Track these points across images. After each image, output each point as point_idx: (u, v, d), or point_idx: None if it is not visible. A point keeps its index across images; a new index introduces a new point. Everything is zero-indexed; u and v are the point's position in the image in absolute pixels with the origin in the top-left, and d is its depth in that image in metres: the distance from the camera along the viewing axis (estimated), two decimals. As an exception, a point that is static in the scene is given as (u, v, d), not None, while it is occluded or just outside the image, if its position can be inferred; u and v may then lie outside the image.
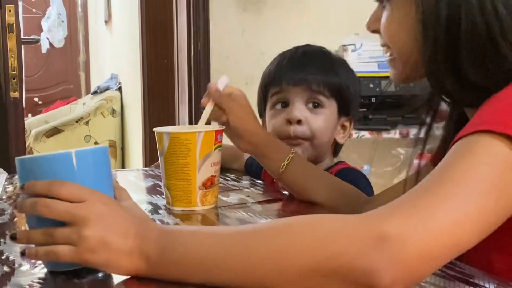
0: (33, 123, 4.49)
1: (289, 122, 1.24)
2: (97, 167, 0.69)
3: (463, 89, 0.76)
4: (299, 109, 1.24)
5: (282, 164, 1.07)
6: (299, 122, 1.23)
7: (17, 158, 0.69)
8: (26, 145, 3.99)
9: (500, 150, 0.62)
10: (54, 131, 4.11)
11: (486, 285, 0.64)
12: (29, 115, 5.10)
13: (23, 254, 0.67)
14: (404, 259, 0.56)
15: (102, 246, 0.63)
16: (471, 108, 0.78)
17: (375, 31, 0.88)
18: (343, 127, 1.31)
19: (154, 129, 1.04)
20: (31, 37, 2.57)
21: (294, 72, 1.26)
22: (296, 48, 1.31)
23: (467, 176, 0.61)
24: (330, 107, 1.27)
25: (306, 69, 1.26)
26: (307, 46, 1.33)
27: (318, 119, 1.25)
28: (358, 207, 1.05)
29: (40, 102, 5.58)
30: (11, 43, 2.10)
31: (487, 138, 0.63)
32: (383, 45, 0.88)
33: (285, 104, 1.26)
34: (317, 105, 1.25)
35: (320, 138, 1.26)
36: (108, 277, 0.66)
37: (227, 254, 0.61)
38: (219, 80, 1.07)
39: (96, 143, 4.18)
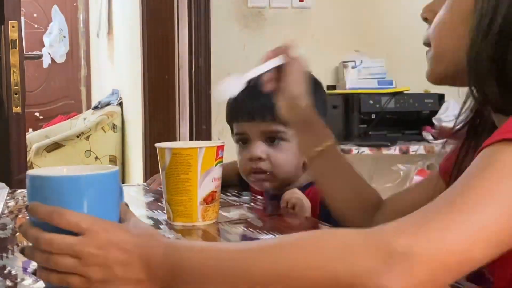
0: (34, 138, 4.49)
1: (251, 159, 1.23)
2: (106, 191, 0.69)
3: (503, 92, 0.72)
4: (259, 147, 1.22)
5: (317, 149, 1.02)
6: (260, 159, 1.22)
7: (27, 173, 0.69)
8: (27, 159, 4.00)
9: None
10: (55, 146, 4.12)
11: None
12: (30, 129, 5.11)
13: (34, 274, 0.68)
14: (414, 276, 0.54)
15: (110, 278, 0.63)
16: (504, 116, 0.72)
17: (426, 19, 0.85)
18: None
19: (156, 144, 1.04)
20: (34, 53, 2.58)
21: (248, 104, 1.22)
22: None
23: (490, 190, 0.58)
24: (293, 136, 1.17)
25: (260, 99, 1.17)
26: None
27: (279, 154, 1.22)
28: (370, 212, 1.03)
29: (41, 117, 5.59)
30: (14, 59, 2.12)
31: None
32: (426, 41, 0.85)
33: (245, 140, 1.25)
34: (274, 140, 1.22)
35: (284, 171, 1.23)
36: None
37: (235, 270, 0.61)
38: (275, 59, 1.00)
39: (96, 158, 4.18)
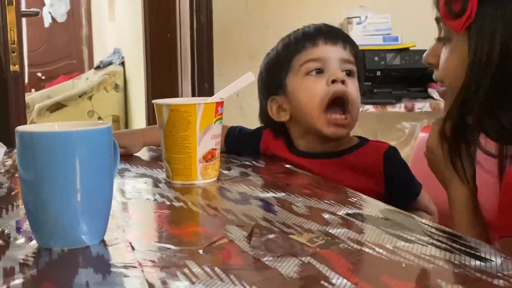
0: (36, 98, 4.47)
1: (332, 82, 1.14)
2: (98, 148, 0.67)
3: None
4: (339, 71, 1.15)
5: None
6: (343, 82, 1.14)
7: (17, 129, 0.67)
8: (30, 120, 3.99)
9: None
10: (57, 106, 4.10)
11: (492, 258, 0.62)
12: (33, 90, 5.08)
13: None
14: None
15: None
16: None
17: (431, 64, 0.96)
18: None
19: (154, 101, 1.02)
20: (31, 9, 2.52)
21: (332, 29, 1.20)
22: (304, 26, 1.23)
23: None
24: (356, 77, 1.19)
25: (335, 33, 1.19)
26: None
27: (354, 84, 1.17)
28: None
29: (43, 77, 5.56)
30: (11, 16, 2.07)
31: None
32: (437, 79, 0.96)
33: (319, 70, 1.15)
34: (348, 72, 1.17)
35: (357, 109, 1.16)
36: (101, 253, 0.65)
37: None
38: (244, 76, 1.02)
39: (99, 118, 4.17)
